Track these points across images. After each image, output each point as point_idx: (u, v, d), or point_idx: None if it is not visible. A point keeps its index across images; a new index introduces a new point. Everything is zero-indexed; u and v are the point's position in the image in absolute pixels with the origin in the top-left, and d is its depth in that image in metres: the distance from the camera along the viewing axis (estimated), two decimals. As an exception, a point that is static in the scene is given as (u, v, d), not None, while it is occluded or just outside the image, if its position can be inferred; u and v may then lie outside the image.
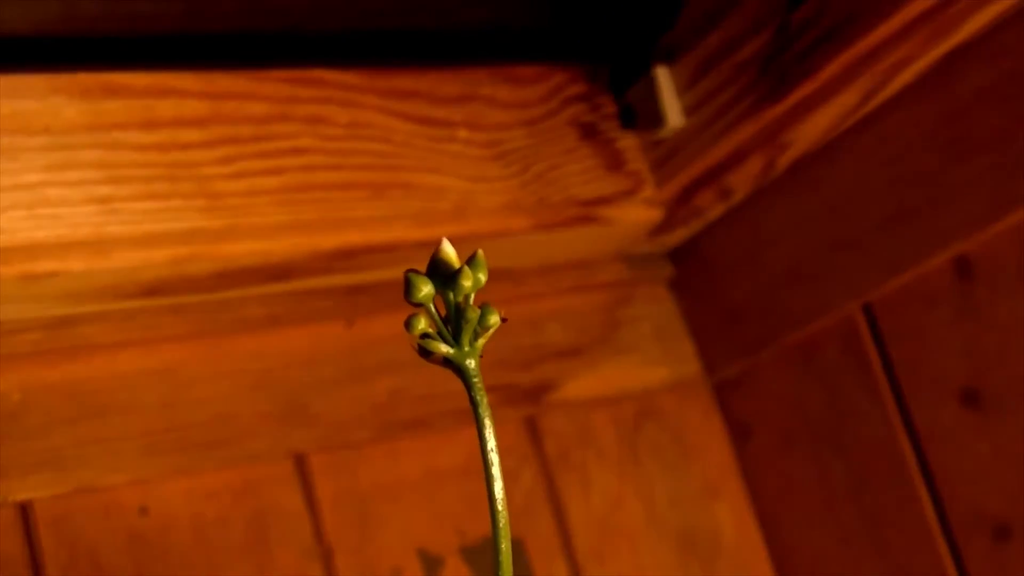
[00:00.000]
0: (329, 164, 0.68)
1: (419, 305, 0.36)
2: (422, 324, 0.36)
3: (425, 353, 0.36)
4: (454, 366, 0.37)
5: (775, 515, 0.82)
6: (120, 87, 0.64)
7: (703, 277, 0.84)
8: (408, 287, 0.36)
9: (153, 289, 0.65)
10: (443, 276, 0.36)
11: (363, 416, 0.73)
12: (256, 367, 0.71)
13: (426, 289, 0.36)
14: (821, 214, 0.76)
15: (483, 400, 0.36)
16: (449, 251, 0.36)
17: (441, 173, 0.71)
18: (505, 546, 0.36)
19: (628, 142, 0.78)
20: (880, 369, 0.75)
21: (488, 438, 0.36)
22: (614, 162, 0.77)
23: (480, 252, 0.37)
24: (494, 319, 0.37)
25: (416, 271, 0.36)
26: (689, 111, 0.75)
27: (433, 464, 0.74)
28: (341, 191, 0.68)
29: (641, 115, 0.77)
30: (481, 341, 0.37)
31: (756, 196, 0.78)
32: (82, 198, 0.61)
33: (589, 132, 0.77)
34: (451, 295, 0.36)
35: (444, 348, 0.36)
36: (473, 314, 0.36)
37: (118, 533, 0.64)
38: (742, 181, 0.76)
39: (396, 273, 0.72)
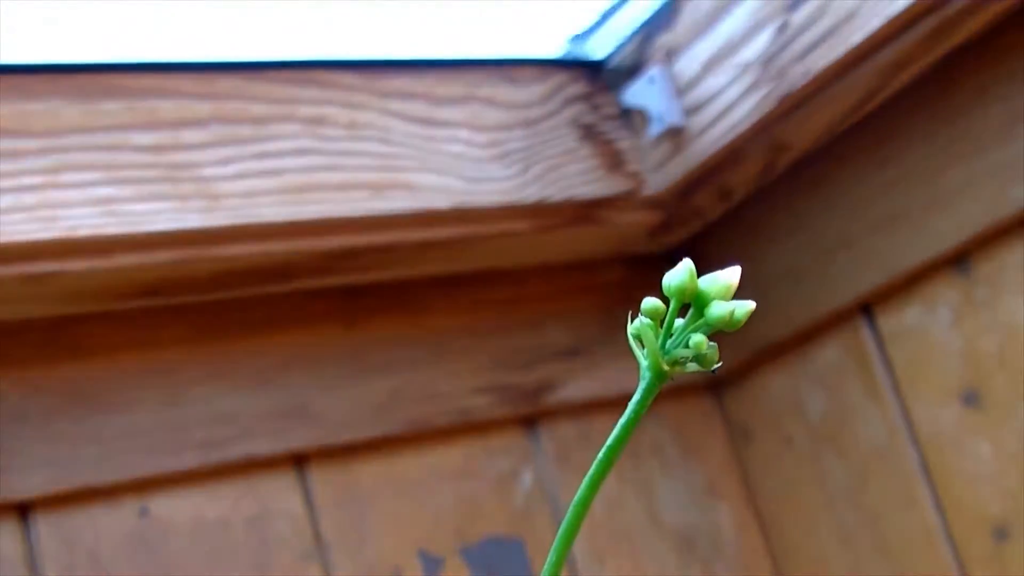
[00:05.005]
0: (329, 164, 0.68)
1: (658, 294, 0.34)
2: (659, 312, 0.35)
3: (635, 335, 0.35)
4: (646, 366, 0.35)
5: (775, 515, 0.82)
6: (120, 87, 0.64)
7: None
8: (680, 275, 0.34)
9: (153, 289, 0.65)
10: (708, 300, 0.35)
11: (363, 416, 0.73)
12: (256, 367, 0.71)
13: (690, 288, 0.34)
14: (821, 214, 0.76)
15: (642, 412, 0.34)
16: (734, 281, 0.35)
17: (441, 173, 0.71)
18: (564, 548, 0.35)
19: (628, 142, 0.78)
20: (880, 369, 0.75)
21: (615, 445, 0.34)
22: (614, 162, 0.77)
23: (752, 306, 0.35)
24: (709, 361, 0.35)
25: (694, 269, 0.34)
26: (689, 111, 0.75)
27: (433, 464, 0.74)
28: (341, 191, 0.68)
29: (641, 115, 0.77)
30: (679, 368, 0.35)
31: (756, 196, 0.78)
32: (82, 199, 0.61)
33: (589, 132, 0.77)
34: (697, 317, 0.35)
35: (652, 347, 0.34)
36: (700, 347, 0.34)
37: (118, 533, 0.64)
38: (742, 181, 0.76)
39: (396, 273, 0.73)
